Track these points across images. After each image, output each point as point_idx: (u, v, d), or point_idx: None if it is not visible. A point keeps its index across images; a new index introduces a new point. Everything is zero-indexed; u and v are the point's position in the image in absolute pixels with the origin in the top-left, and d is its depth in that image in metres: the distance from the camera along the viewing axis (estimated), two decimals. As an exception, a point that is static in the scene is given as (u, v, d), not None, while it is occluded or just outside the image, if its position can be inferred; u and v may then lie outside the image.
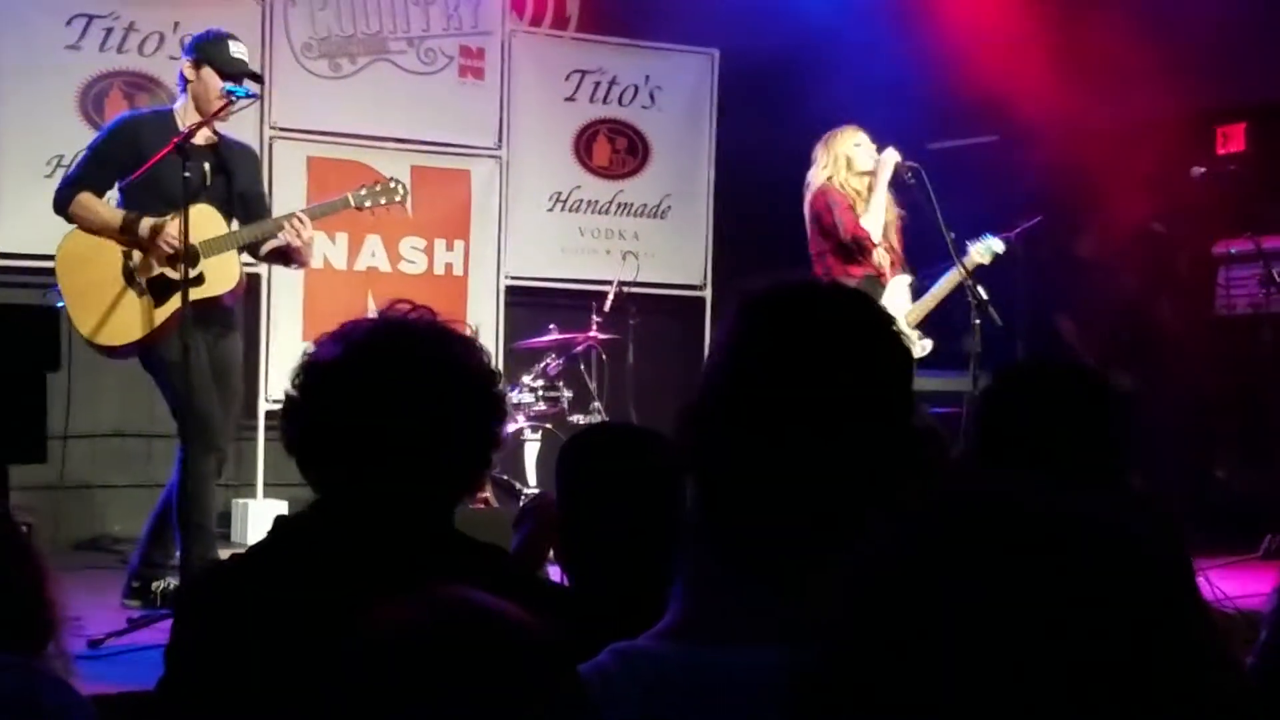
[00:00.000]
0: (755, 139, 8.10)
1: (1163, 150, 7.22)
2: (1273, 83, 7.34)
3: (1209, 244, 7.29)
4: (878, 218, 5.91)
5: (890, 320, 1.48)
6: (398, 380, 1.82)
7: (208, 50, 5.19)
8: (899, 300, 5.99)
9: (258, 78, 5.44)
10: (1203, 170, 6.70)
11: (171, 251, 5.05)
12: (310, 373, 1.86)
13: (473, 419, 1.86)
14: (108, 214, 5.15)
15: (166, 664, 1.84)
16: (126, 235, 5.11)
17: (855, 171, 5.93)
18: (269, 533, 1.89)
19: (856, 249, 5.93)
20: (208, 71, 5.15)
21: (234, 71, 5.16)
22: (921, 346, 5.97)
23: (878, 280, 5.96)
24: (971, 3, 7.88)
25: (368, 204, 5.53)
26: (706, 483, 1.40)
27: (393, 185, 5.58)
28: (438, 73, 7.67)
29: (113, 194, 5.29)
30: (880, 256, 5.93)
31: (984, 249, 6.04)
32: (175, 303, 5.06)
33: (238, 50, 5.23)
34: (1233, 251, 7.01)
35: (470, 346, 1.91)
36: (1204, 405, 7.31)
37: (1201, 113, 7.63)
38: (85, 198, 5.14)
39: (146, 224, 5.08)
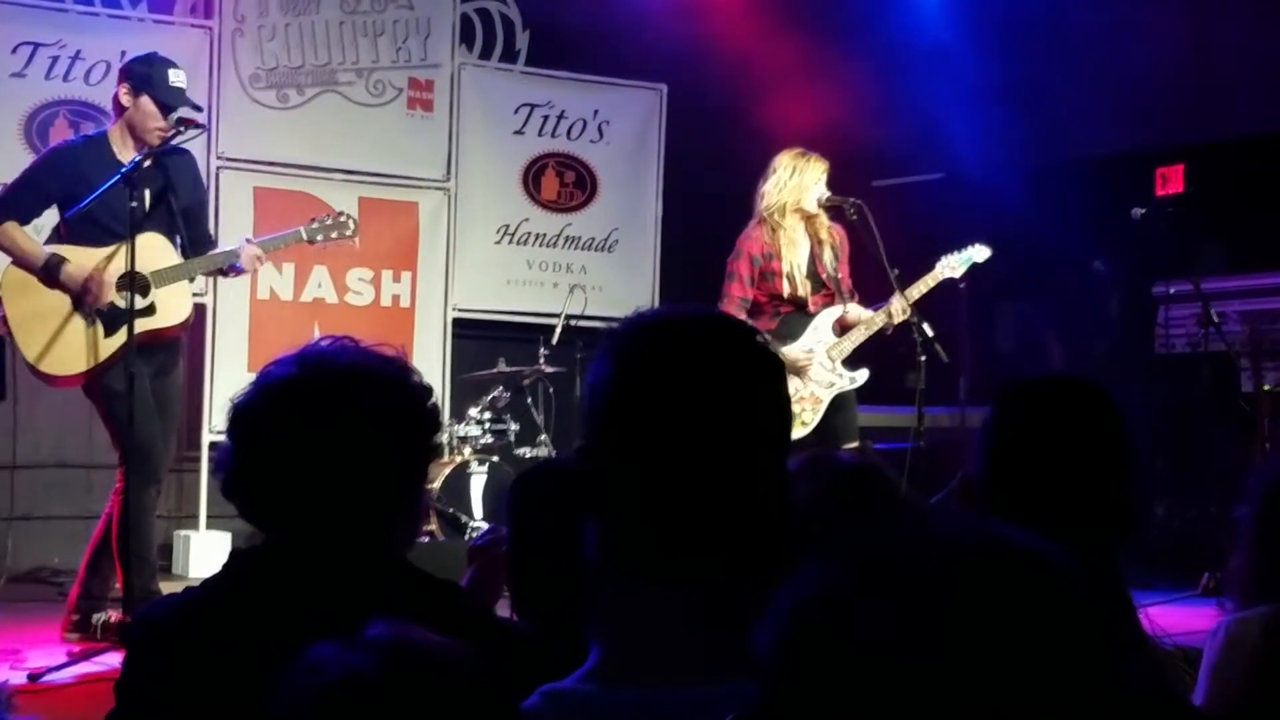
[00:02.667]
0: (702, 173, 8.17)
1: (1103, 190, 7.34)
2: (1211, 124, 7.48)
3: (1149, 284, 7.39)
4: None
5: (752, 346, 1.46)
6: (315, 416, 1.81)
7: (145, 76, 5.12)
8: (823, 333, 5.98)
9: (196, 107, 5.40)
10: (1142, 210, 6.79)
11: (102, 306, 4.99)
12: (233, 417, 1.87)
13: (403, 439, 1.86)
14: (30, 251, 5.04)
15: (117, 699, 1.83)
16: (46, 278, 5.01)
17: (799, 207, 5.93)
18: (223, 566, 1.88)
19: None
20: (145, 100, 5.10)
21: (172, 101, 5.12)
22: (851, 378, 5.96)
23: (804, 311, 5.96)
24: (915, 41, 7.99)
25: (319, 238, 5.53)
26: (600, 521, 1.42)
27: (343, 220, 5.57)
28: (386, 104, 7.68)
29: (50, 217, 5.23)
30: (805, 287, 5.93)
31: (960, 260, 6.05)
32: (125, 334, 5.02)
33: (176, 79, 5.17)
34: (1172, 291, 7.10)
35: (394, 366, 1.90)
36: (1143, 443, 7.40)
37: (1141, 154, 7.75)
38: (10, 228, 5.05)
39: (71, 271, 5.00)
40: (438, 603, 1.84)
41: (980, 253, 6.09)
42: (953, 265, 6.04)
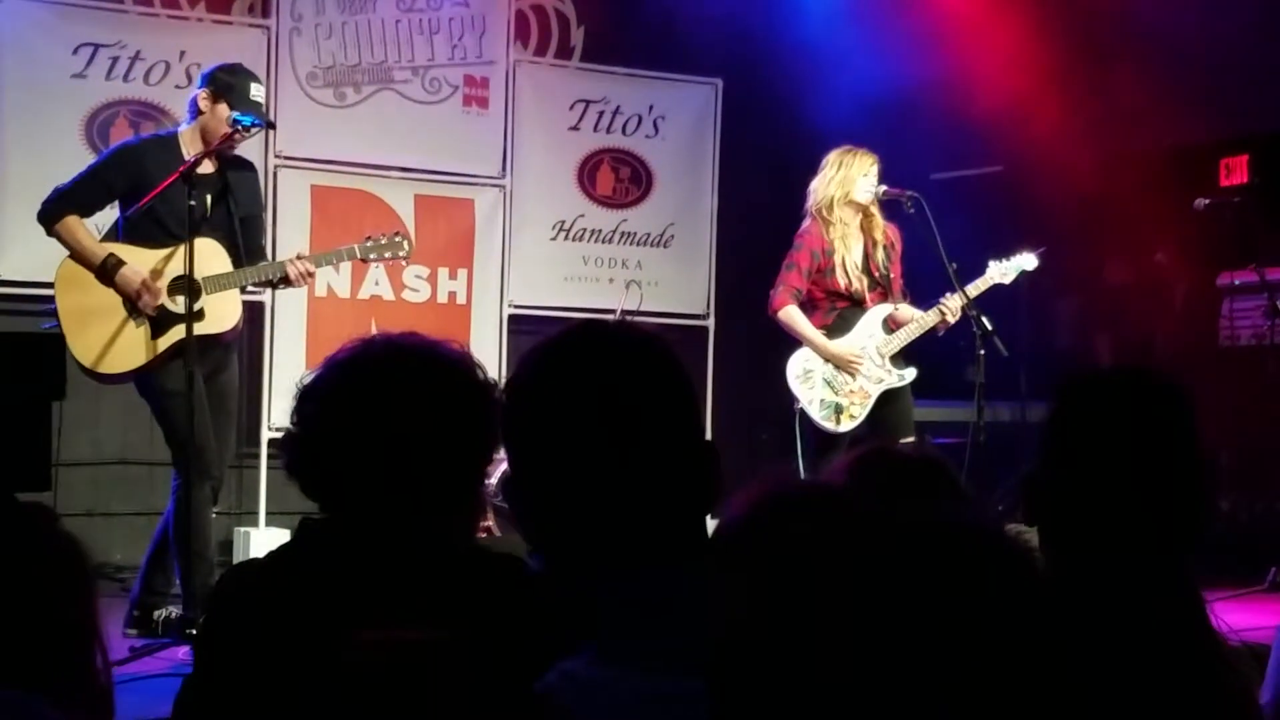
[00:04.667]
0: (758, 168, 8.14)
1: (1166, 181, 7.24)
2: (1276, 114, 7.37)
3: (1213, 276, 7.30)
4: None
5: (648, 346, 1.58)
6: (382, 395, 1.84)
7: (228, 85, 5.17)
8: (873, 329, 5.98)
9: (271, 125, 5.47)
10: (1206, 201, 6.71)
11: (152, 312, 5.04)
12: (299, 398, 1.88)
13: (466, 428, 1.87)
14: (89, 248, 5.09)
15: (195, 655, 1.89)
16: (103, 277, 5.06)
17: (851, 200, 5.94)
18: (293, 535, 1.90)
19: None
20: (223, 107, 5.14)
21: (256, 118, 5.17)
22: (900, 375, 5.97)
23: (860, 306, 5.98)
24: (978, 33, 7.92)
25: (372, 257, 5.60)
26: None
27: (398, 239, 5.59)
28: (442, 102, 7.70)
29: (110, 214, 5.29)
30: (861, 283, 5.93)
31: (1010, 267, 6.03)
32: (174, 335, 5.07)
33: (257, 93, 5.23)
34: (1236, 283, 7.02)
35: (460, 358, 1.92)
36: (1207, 437, 7.30)
37: (1205, 144, 7.65)
38: (73, 221, 5.10)
39: (128, 274, 5.05)
40: (501, 576, 1.85)
41: (1029, 260, 6.07)
42: (1003, 271, 6.04)
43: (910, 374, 5.97)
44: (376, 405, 1.83)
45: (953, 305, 5.87)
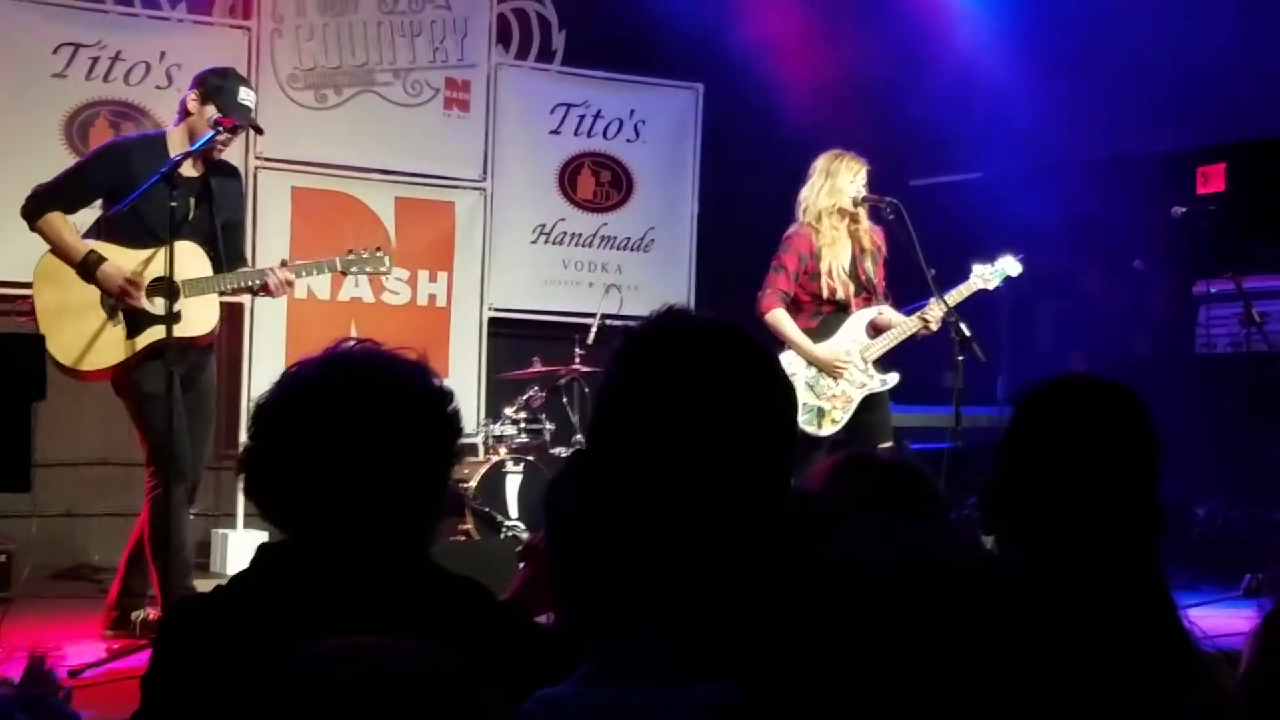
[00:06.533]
0: (739, 172, 8.15)
1: (1144, 189, 7.28)
2: (1251, 123, 7.41)
3: (1190, 283, 7.33)
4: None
5: (762, 365, 1.47)
6: (337, 416, 1.82)
7: (217, 87, 5.16)
8: (856, 333, 6.00)
9: (259, 129, 5.46)
10: (1183, 209, 6.74)
11: (134, 305, 5.03)
12: (254, 417, 1.88)
13: (423, 443, 1.86)
14: (71, 244, 5.08)
15: (143, 694, 1.84)
16: (84, 274, 5.04)
17: (838, 207, 5.94)
18: (251, 561, 1.89)
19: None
20: (212, 110, 5.13)
21: (239, 119, 5.16)
22: (882, 380, 5.99)
23: (845, 311, 5.99)
24: (958, 40, 7.95)
25: (353, 270, 5.61)
26: (595, 525, 1.44)
27: (380, 255, 5.58)
28: (423, 105, 7.70)
29: (88, 214, 5.27)
30: (847, 288, 5.94)
31: (993, 273, 6.05)
32: (150, 335, 5.05)
33: (246, 96, 5.22)
34: (1213, 291, 7.05)
35: (414, 369, 1.91)
36: (1184, 444, 7.35)
37: (1182, 152, 7.69)
38: (56, 218, 5.08)
39: (109, 271, 5.03)
40: (460, 601, 1.84)
41: (1013, 266, 6.08)
42: (986, 276, 6.05)
43: (892, 379, 5.99)
44: (330, 422, 1.82)
45: (935, 312, 5.89)
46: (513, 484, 6.83)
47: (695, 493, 1.39)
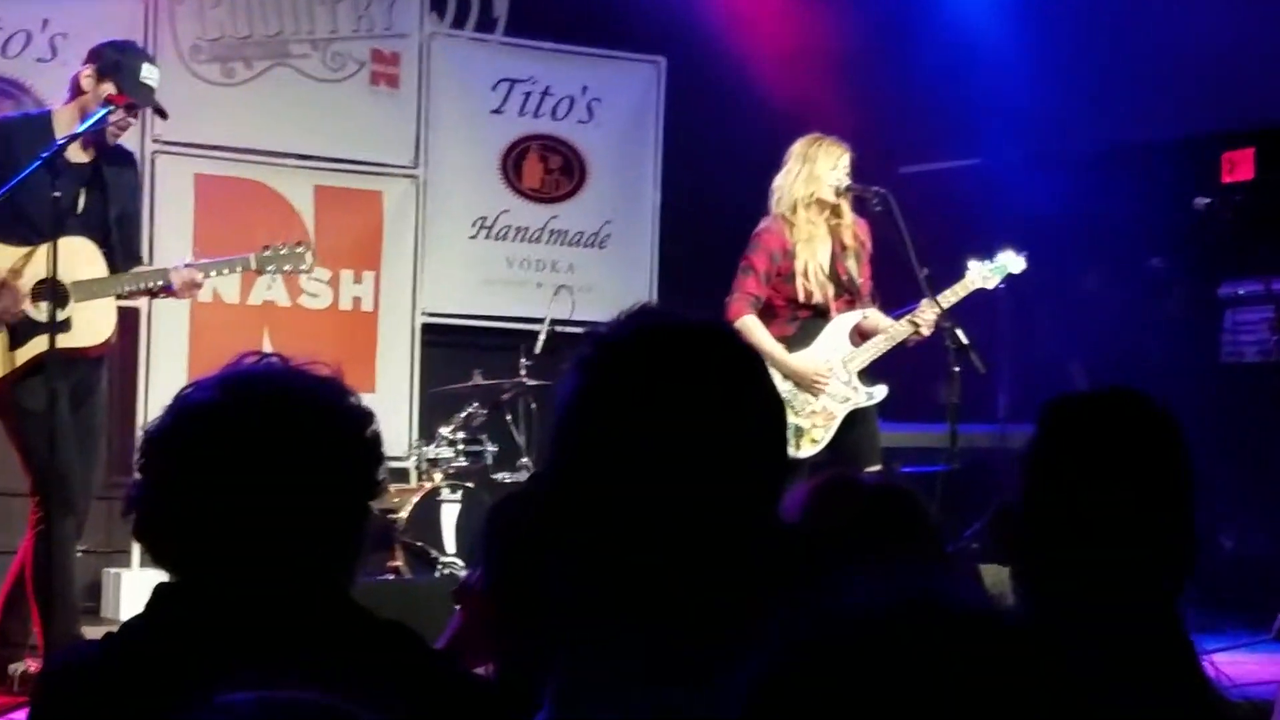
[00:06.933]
0: (707, 158, 8.17)
1: (1161, 178, 7.34)
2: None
3: (1214, 285, 7.38)
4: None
5: (743, 364, 1.50)
6: (237, 446, 1.80)
7: (115, 63, 5.11)
8: (839, 341, 6.00)
9: (162, 113, 5.42)
10: (1206, 201, 6.79)
11: (14, 317, 4.97)
12: (143, 447, 1.87)
13: (338, 472, 1.86)
14: None
15: None
16: None
17: (815, 199, 5.95)
18: (146, 605, 1.88)
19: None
20: (107, 87, 5.08)
21: (139, 100, 5.12)
22: (868, 394, 5.98)
23: (824, 316, 5.98)
24: (953, 12, 8.00)
25: (270, 268, 5.57)
26: (560, 555, 1.46)
27: (300, 250, 5.56)
28: (346, 80, 7.68)
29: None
30: (825, 291, 5.95)
31: (993, 270, 6.06)
32: (34, 347, 4.99)
33: (149, 75, 5.18)
34: (1240, 293, 7.10)
35: (329, 388, 1.90)
36: (1207, 466, 7.39)
37: (1205, 137, 7.74)
38: None
39: None
40: (386, 649, 1.84)
41: (1015, 262, 6.08)
42: (985, 274, 6.05)
43: (880, 393, 5.99)
44: (228, 453, 1.80)
45: (927, 316, 5.90)
46: (449, 514, 6.81)
47: (675, 511, 1.41)
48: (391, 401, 7.48)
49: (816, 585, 0.99)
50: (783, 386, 5.92)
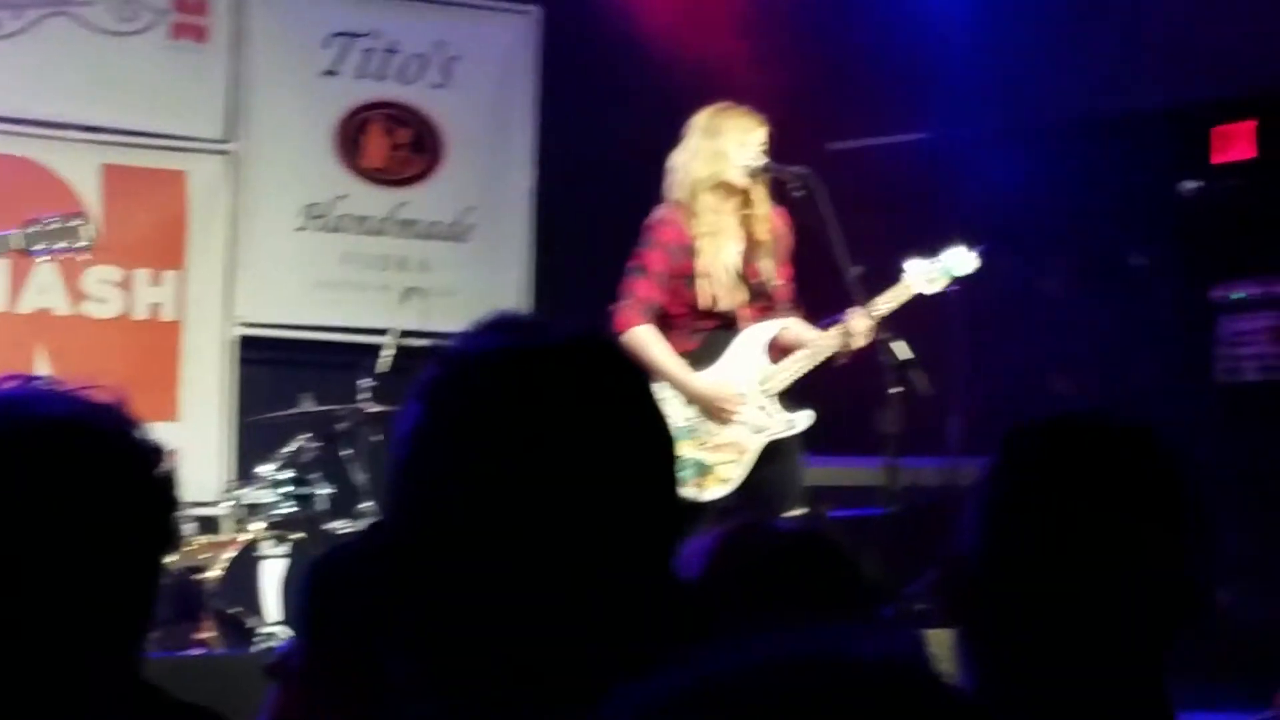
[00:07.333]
0: (592, 132, 8.18)
1: (1141, 158, 7.43)
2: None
3: (1205, 286, 7.46)
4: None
5: (628, 386, 1.52)
6: None
7: None
8: (753, 358, 6.03)
9: None
10: (1196, 185, 6.86)
11: None
12: None
13: (117, 523, 1.85)
14: None
15: None
16: None
17: (724, 182, 5.97)
18: None
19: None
20: None
21: None
22: (789, 421, 6.00)
23: (732, 327, 6.00)
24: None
25: (39, 247, 5.52)
26: (406, 624, 1.48)
27: (75, 223, 5.53)
28: (140, 33, 7.63)
29: None
30: (734, 296, 5.96)
31: (937, 271, 6.10)
32: None
33: None
34: (1237, 296, 7.16)
35: (109, 418, 1.89)
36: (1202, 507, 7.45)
37: (1193, 107, 7.85)
38: None
39: None
40: None
41: (965, 262, 6.11)
42: (928, 277, 6.07)
43: (803, 420, 6.01)
44: None
45: (859, 327, 5.93)
46: (271, 573, 6.76)
47: (541, 570, 1.43)
48: (198, 433, 7.42)
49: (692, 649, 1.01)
50: (684, 414, 5.93)
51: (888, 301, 6.01)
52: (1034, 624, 1.98)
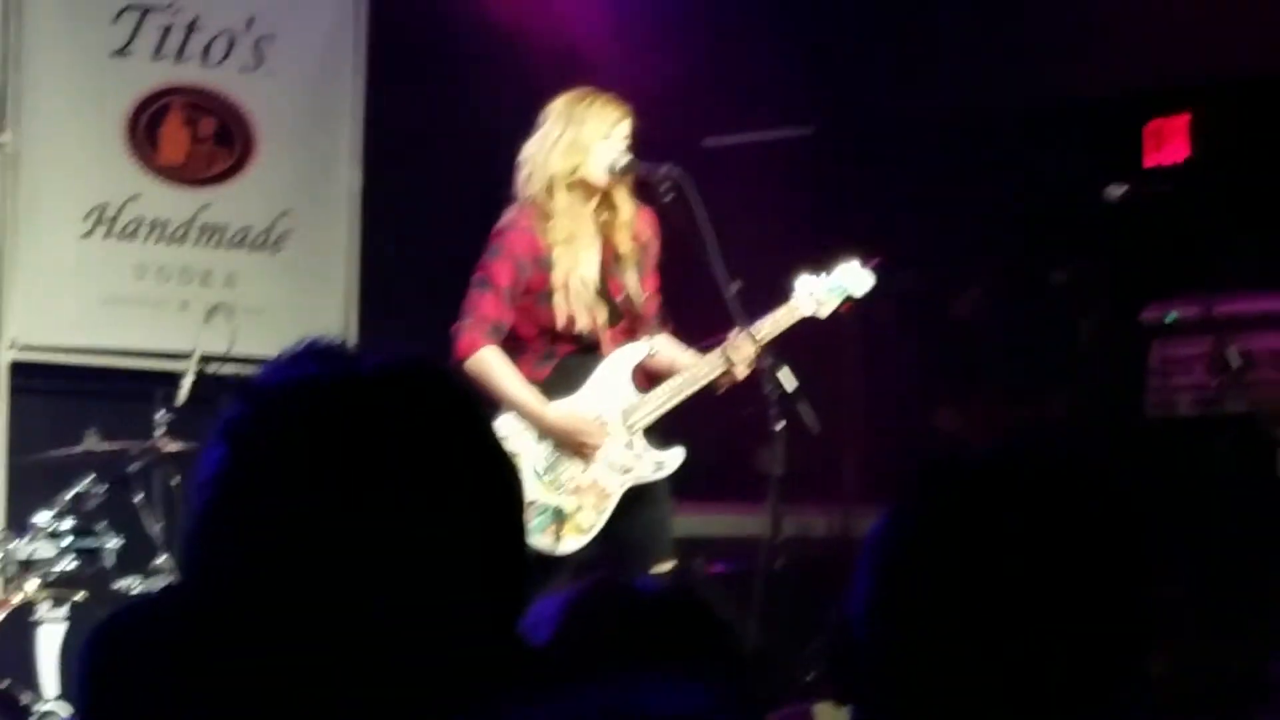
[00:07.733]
0: (429, 123, 8.19)
1: (1062, 159, 7.53)
2: (1228, 58, 7.70)
3: (1135, 306, 7.53)
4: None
5: (466, 422, 1.57)
6: None
7: None
8: (616, 387, 6.08)
9: None
10: (1123, 189, 6.93)
11: None
12: None
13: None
14: None
15: None
16: None
17: (583, 180, 5.98)
18: None
19: None
20: None
21: None
22: (657, 462, 6.04)
23: (593, 351, 6.01)
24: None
25: None
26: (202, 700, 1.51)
27: None
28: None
29: None
30: (594, 315, 5.96)
31: (828, 291, 6.13)
32: None
33: None
34: (1170, 318, 7.23)
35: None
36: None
37: (1123, 100, 7.97)
38: None
39: None
40: None
41: (859, 279, 6.17)
42: (817, 297, 6.09)
43: (674, 460, 6.01)
44: None
45: (741, 353, 5.95)
46: (49, 640, 6.72)
47: (359, 636, 1.46)
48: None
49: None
50: (536, 449, 5.96)
51: (772, 324, 6.03)
52: (934, 706, 1.96)
